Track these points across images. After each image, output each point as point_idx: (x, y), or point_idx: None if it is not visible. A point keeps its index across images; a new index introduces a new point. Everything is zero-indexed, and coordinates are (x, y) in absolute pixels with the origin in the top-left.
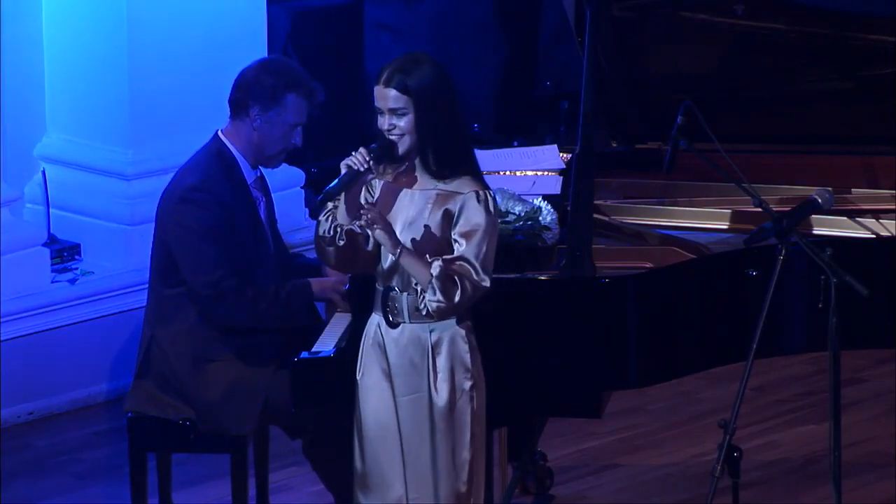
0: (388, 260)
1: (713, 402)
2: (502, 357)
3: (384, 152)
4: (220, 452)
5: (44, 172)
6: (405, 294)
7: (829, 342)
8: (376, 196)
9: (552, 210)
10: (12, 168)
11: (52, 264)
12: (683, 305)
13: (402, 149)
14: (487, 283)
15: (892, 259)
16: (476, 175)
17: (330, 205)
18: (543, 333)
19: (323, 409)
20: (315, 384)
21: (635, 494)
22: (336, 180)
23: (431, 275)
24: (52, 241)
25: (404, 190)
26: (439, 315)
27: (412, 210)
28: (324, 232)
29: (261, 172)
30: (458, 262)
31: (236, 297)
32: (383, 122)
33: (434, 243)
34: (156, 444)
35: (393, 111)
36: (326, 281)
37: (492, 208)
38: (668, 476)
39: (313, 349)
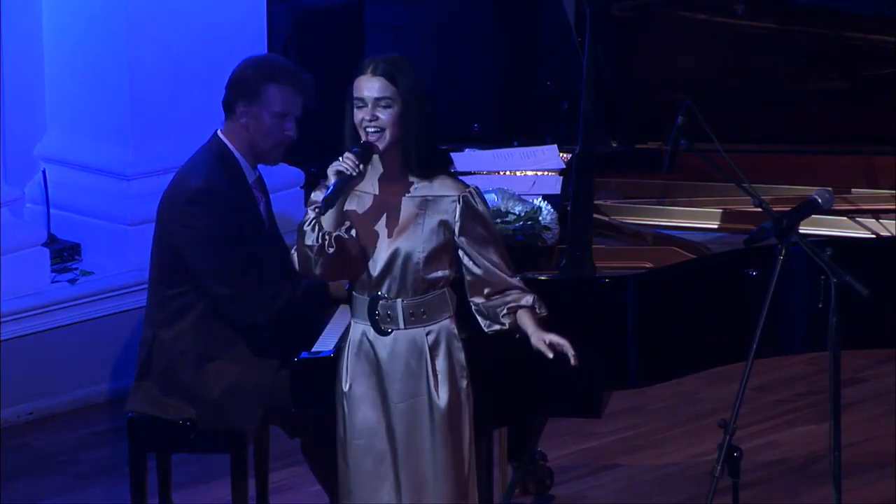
0: (377, 268)
1: (713, 402)
2: (502, 357)
3: (367, 154)
4: (220, 452)
5: (44, 172)
6: (399, 300)
7: (829, 342)
8: (354, 206)
9: (552, 210)
10: (12, 168)
11: (52, 264)
12: (683, 305)
13: (381, 145)
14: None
15: (892, 259)
16: (453, 175)
17: (312, 214)
18: None
19: (323, 408)
20: (315, 384)
21: (635, 494)
22: (331, 187)
23: (538, 312)
24: (52, 241)
25: (389, 199)
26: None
27: (401, 217)
28: (312, 242)
29: (259, 173)
30: (515, 279)
31: (255, 297)
32: (363, 114)
33: (430, 250)
34: (156, 444)
35: (378, 102)
36: None
37: (484, 201)
38: (668, 476)
39: (313, 349)
